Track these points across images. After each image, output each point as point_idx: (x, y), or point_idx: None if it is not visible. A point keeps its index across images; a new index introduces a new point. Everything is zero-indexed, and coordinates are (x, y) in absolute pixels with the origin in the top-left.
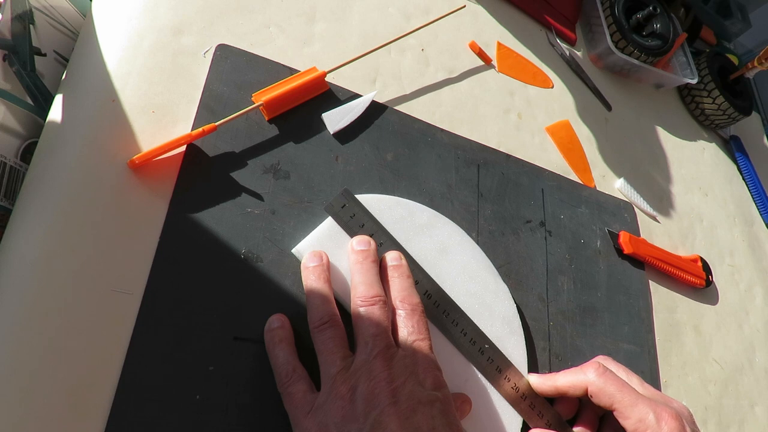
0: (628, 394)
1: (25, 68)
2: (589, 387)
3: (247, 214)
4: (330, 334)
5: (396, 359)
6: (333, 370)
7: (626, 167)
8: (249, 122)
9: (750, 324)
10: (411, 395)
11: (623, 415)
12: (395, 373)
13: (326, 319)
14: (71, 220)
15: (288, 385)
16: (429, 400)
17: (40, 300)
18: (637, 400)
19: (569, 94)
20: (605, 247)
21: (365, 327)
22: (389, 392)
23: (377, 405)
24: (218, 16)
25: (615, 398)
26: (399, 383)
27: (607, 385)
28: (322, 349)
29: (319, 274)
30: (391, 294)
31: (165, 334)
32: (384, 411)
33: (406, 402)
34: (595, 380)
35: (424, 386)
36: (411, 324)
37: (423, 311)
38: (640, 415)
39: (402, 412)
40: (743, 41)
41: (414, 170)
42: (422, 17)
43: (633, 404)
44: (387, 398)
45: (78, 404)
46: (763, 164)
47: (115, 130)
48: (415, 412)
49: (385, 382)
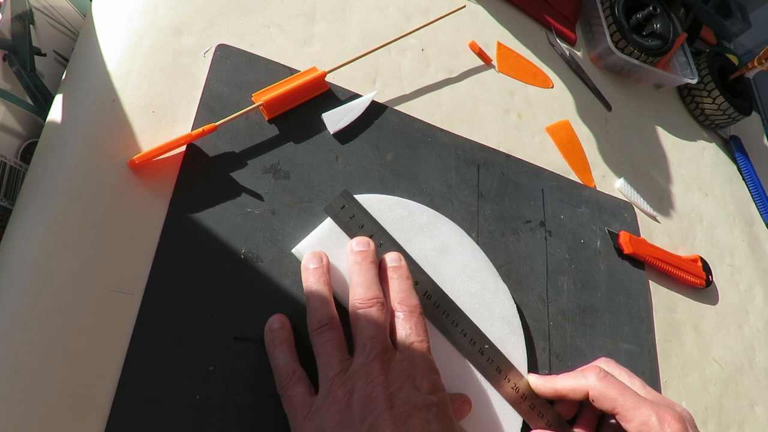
0: (630, 398)
1: (25, 68)
2: (590, 391)
3: (247, 214)
4: (328, 336)
5: (393, 363)
6: (331, 373)
7: (626, 167)
8: (249, 122)
9: (750, 324)
10: (407, 400)
11: (626, 419)
12: (392, 377)
13: (325, 321)
14: (71, 220)
15: (287, 388)
16: (425, 404)
17: (40, 300)
18: (639, 403)
19: (569, 94)
20: (605, 247)
21: (363, 329)
22: (385, 397)
23: (373, 410)
24: (218, 16)
25: (617, 402)
26: (395, 388)
27: (609, 390)
28: (320, 352)
29: (318, 276)
30: (390, 295)
31: (165, 334)
32: (380, 416)
33: (402, 407)
34: (596, 384)
35: (420, 390)
36: (409, 326)
37: (421, 313)
38: (642, 417)
39: (397, 417)
40: (743, 41)
41: (414, 170)
42: (422, 17)
43: (635, 407)
44: (383, 403)
45: (78, 404)
46: (763, 164)
47: (115, 130)
48: (411, 417)
49: (382, 387)
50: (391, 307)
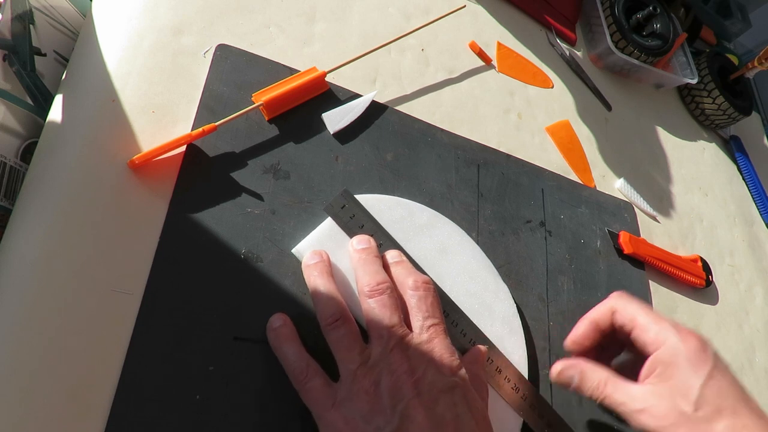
0: (649, 312)
1: (25, 68)
2: (613, 305)
3: (247, 214)
4: (343, 330)
5: (412, 349)
6: (352, 366)
7: (626, 167)
8: (249, 122)
9: (750, 324)
10: (432, 385)
11: (644, 329)
12: (414, 364)
13: (338, 315)
14: (71, 220)
15: (306, 382)
16: (449, 386)
17: (40, 300)
18: (658, 317)
19: (569, 94)
20: (605, 247)
21: (377, 318)
22: (411, 384)
23: (402, 398)
24: (218, 16)
25: (637, 314)
26: (420, 374)
27: (629, 304)
28: (337, 347)
29: (321, 269)
30: (399, 281)
31: (165, 334)
32: (409, 404)
33: (428, 392)
34: (617, 300)
35: (443, 373)
36: (425, 307)
37: (435, 291)
38: (661, 326)
39: (426, 403)
40: (743, 41)
41: (414, 170)
42: (422, 17)
43: (655, 321)
44: (410, 391)
45: (78, 404)
46: (763, 164)
47: (115, 130)
48: (438, 402)
49: (407, 375)
50: (403, 292)
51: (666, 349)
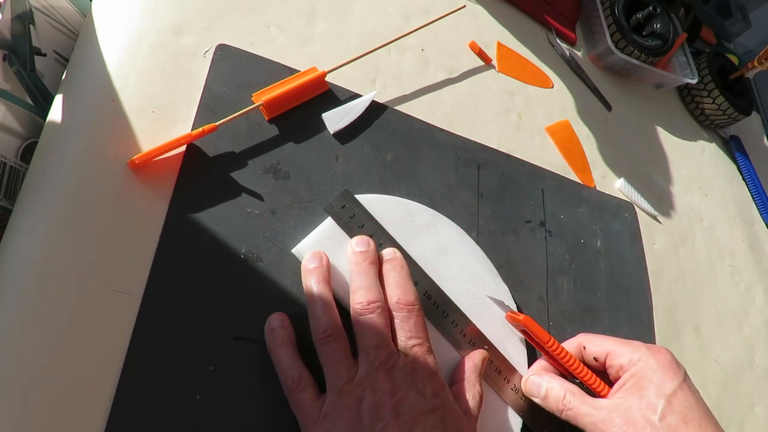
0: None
1: (25, 68)
2: (581, 341)
3: (247, 214)
4: (334, 346)
5: (397, 369)
6: (339, 382)
7: (626, 167)
8: (249, 122)
9: (750, 324)
10: (412, 406)
11: (618, 354)
12: (397, 385)
13: (330, 331)
14: (71, 220)
15: (296, 393)
16: (429, 409)
17: (40, 300)
18: (629, 341)
19: (569, 94)
20: (605, 247)
21: (366, 337)
22: (392, 405)
23: (382, 418)
24: (218, 16)
25: (606, 342)
26: (401, 395)
27: (597, 337)
28: (327, 361)
29: (318, 276)
30: (387, 292)
31: (165, 334)
32: (388, 424)
33: (408, 414)
34: (584, 336)
35: (424, 395)
36: (408, 327)
37: (420, 309)
38: (632, 347)
39: (404, 425)
40: (743, 41)
41: (414, 170)
42: (422, 17)
43: (625, 344)
44: (390, 411)
45: (78, 404)
46: (763, 164)
47: (115, 130)
48: (417, 423)
49: (388, 395)
50: (390, 307)
51: (639, 365)
